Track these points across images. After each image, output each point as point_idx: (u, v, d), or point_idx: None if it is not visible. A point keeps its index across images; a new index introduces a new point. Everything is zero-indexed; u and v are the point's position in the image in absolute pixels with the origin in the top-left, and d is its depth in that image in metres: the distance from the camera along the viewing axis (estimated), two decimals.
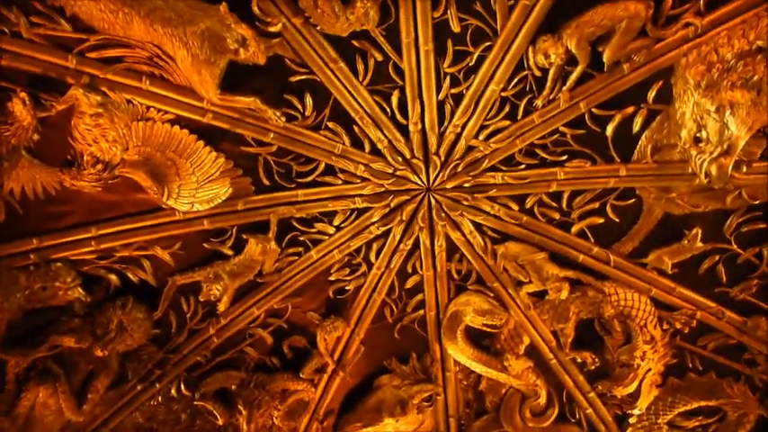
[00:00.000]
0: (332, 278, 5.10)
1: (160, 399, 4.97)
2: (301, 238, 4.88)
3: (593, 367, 5.15)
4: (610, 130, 4.29)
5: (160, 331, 4.87)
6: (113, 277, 4.66)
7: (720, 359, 4.93)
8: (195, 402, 5.04)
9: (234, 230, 4.73)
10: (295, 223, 4.81)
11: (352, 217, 4.85)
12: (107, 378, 4.73)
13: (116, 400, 4.83)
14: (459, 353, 5.30)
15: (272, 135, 4.38)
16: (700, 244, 4.62)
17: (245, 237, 4.74)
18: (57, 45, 3.78)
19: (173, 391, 5.00)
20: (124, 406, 4.87)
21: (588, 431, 5.31)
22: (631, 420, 5.17)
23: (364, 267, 5.09)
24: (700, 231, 4.58)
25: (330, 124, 4.43)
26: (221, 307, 4.90)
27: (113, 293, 4.68)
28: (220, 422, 5.10)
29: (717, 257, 4.65)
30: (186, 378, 5.03)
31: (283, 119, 4.30)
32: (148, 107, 4.12)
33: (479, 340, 5.33)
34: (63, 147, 4.09)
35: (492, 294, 5.16)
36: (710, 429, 5.04)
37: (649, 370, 5.00)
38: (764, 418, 4.86)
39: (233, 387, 5.12)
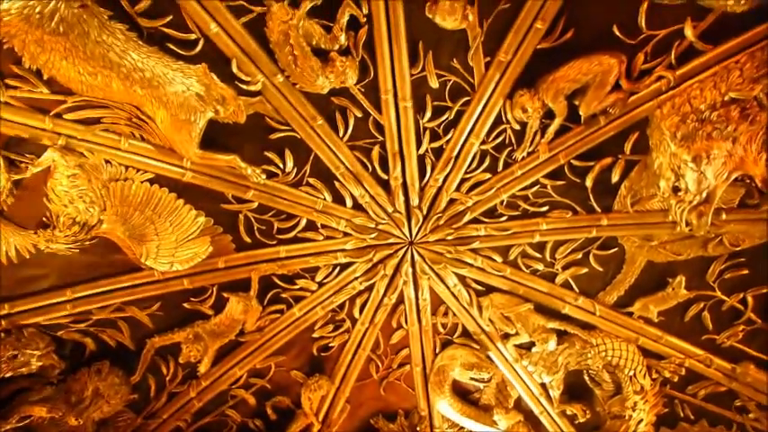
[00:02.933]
0: (315, 335, 5.01)
1: None
2: (283, 296, 4.81)
3: (584, 420, 5.05)
4: (589, 180, 4.32)
5: (138, 396, 4.71)
6: (89, 341, 4.53)
7: (711, 407, 4.86)
8: None
9: (214, 289, 4.65)
10: (277, 280, 4.75)
11: (335, 272, 4.80)
12: None
13: None
14: (448, 408, 5.19)
15: (252, 192, 4.35)
16: (684, 291, 4.61)
17: (225, 295, 4.66)
18: (33, 107, 3.74)
19: None
20: None
21: None
22: None
23: (348, 323, 5.02)
24: (683, 279, 4.58)
25: (311, 180, 4.41)
26: (202, 368, 4.77)
27: (89, 358, 4.54)
28: None
29: (702, 305, 4.64)
30: None
31: (264, 176, 4.27)
32: (127, 167, 4.07)
33: (467, 395, 5.24)
34: (38, 209, 4.00)
35: (478, 347, 5.10)
36: None
37: (641, 421, 4.91)
38: None
39: None
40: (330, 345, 5.05)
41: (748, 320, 4.59)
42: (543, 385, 5.08)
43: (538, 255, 4.71)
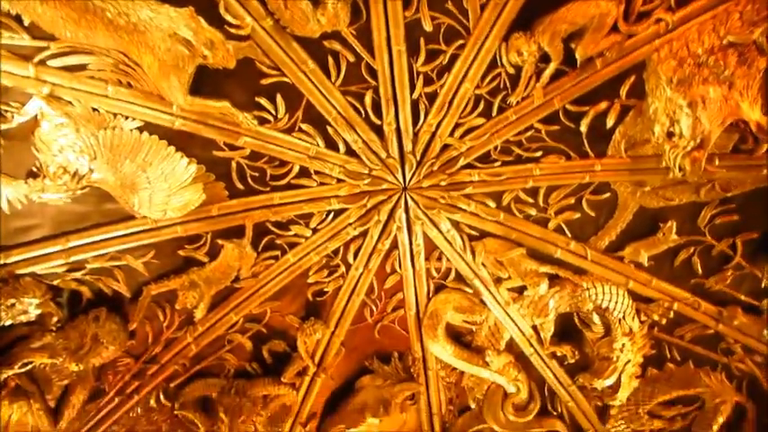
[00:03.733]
0: (310, 281, 5.05)
1: (139, 410, 4.90)
2: (278, 242, 4.83)
3: (573, 361, 5.18)
4: (584, 125, 4.29)
5: (136, 342, 4.79)
6: (85, 289, 4.57)
7: (697, 349, 4.98)
8: (175, 412, 4.98)
9: (209, 236, 4.66)
10: (271, 227, 4.75)
11: (329, 219, 4.80)
12: (83, 393, 4.64)
13: (93, 414, 4.75)
14: (441, 351, 5.30)
15: (244, 139, 4.30)
16: (675, 236, 4.65)
17: (220, 242, 4.67)
18: (15, 54, 3.63)
19: (152, 402, 4.93)
20: (102, 419, 4.78)
21: (570, 424, 5.35)
22: (612, 411, 5.22)
23: (343, 269, 5.06)
24: (674, 224, 4.62)
25: (304, 126, 4.36)
26: (198, 314, 4.83)
27: (86, 306, 4.59)
28: (202, 431, 5.04)
29: (692, 249, 4.69)
30: (165, 388, 4.96)
31: (255, 122, 4.22)
32: (115, 115, 4.00)
33: (460, 337, 5.34)
34: (28, 159, 3.96)
35: (471, 291, 5.17)
36: (689, 417, 5.11)
37: (628, 361, 5.04)
38: (741, 405, 4.94)
39: (213, 395, 5.07)
40: (325, 290, 5.10)
41: (737, 265, 4.65)
42: (534, 328, 5.17)
43: (531, 200, 4.71)
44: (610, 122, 4.27)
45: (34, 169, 3.99)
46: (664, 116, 3.97)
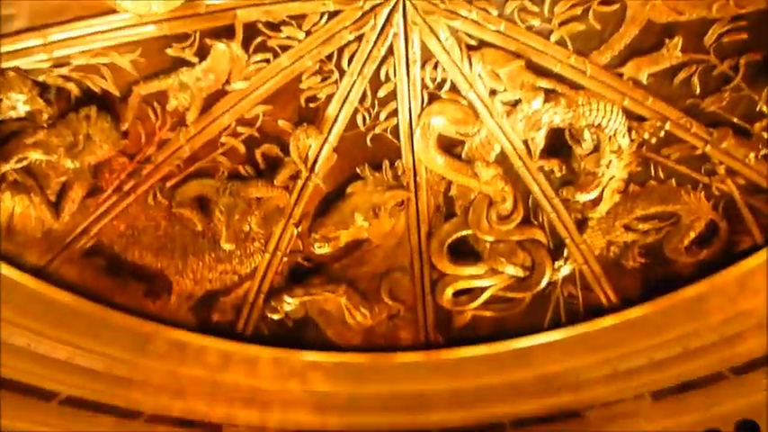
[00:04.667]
0: (303, 86, 4.96)
1: (138, 208, 5.06)
2: (269, 44, 4.65)
3: (559, 175, 5.32)
4: None
5: (129, 142, 4.80)
6: (73, 86, 4.46)
7: (682, 169, 5.09)
8: (173, 210, 5.17)
9: (197, 35, 4.46)
10: (262, 27, 4.55)
11: (323, 21, 4.59)
12: (81, 189, 4.75)
13: (93, 209, 4.90)
14: (432, 160, 5.38)
15: None
16: (678, 54, 4.54)
17: (209, 42, 4.49)
18: None
19: (149, 200, 5.08)
20: (102, 215, 4.94)
21: (550, 233, 5.62)
22: (590, 223, 5.46)
23: (336, 75, 4.94)
24: (680, 40, 4.47)
25: None
26: (190, 117, 4.81)
27: (76, 104, 4.52)
28: (199, 228, 5.28)
29: (693, 68, 4.60)
30: (161, 187, 5.09)
31: None
32: None
33: (451, 148, 5.40)
34: None
35: (465, 103, 5.13)
36: (663, 232, 5.37)
37: (613, 177, 5.18)
38: (715, 224, 5.18)
39: (209, 195, 5.23)
40: (318, 96, 5.03)
41: (736, 87, 4.59)
42: (525, 142, 5.22)
43: (536, 9, 4.50)
44: None
45: None
46: None
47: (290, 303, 5.68)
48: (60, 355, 4.89)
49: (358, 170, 5.47)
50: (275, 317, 5.71)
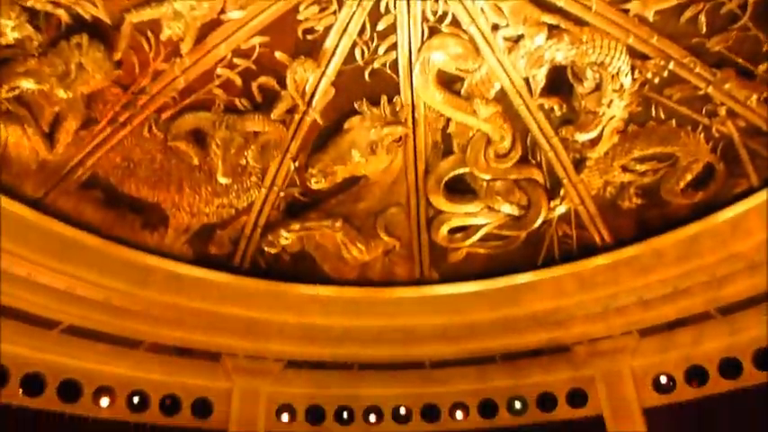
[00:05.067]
0: (300, 17, 4.83)
1: (133, 140, 5.00)
2: None
3: (559, 113, 5.27)
4: None
5: (123, 72, 4.71)
6: (62, 13, 4.33)
7: (683, 109, 5.04)
8: (169, 143, 5.11)
9: None
10: None
11: None
12: (75, 120, 4.68)
13: (88, 141, 4.84)
14: (430, 96, 5.31)
15: None
16: None
17: None
18: None
19: (145, 132, 5.02)
20: (97, 147, 4.89)
21: (547, 172, 5.61)
22: (588, 163, 5.45)
23: (335, 5, 4.81)
24: None
25: None
26: (185, 47, 4.70)
27: (67, 32, 4.40)
28: (195, 161, 5.24)
29: (701, 6, 4.49)
30: (156, 119, 5.02)
31: None
32: None
33: (450, 84, 5.32)
34: None
35: (466, 38, 5.01)
36: (660, 173, 5.37)
37: (613, 117, 5.13)
38: (712, 166, 5.16)
39: (205, 128, 5.16)
40: (315, 27, 4.91)
41: (743, 27, 4.49)
42: (526, 79, 5.15)
43: None
44: None
45: None
46: None
47: (286, 238, 5.71)
48: (60, 286, 4.94)
49: (356, 105, 5.40)
50: (272, 251, 5.76)
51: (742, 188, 5.07)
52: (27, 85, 4.38)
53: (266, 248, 5.74)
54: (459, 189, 5.79)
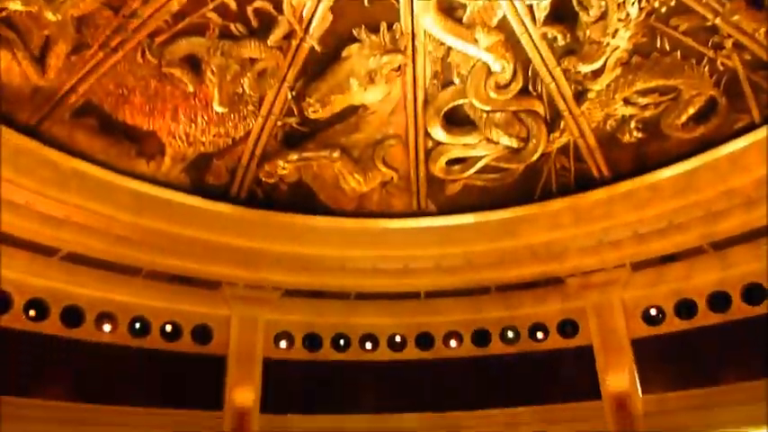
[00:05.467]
0: None
1: (126, 66, 4.88)
2: None
3: (562, 43, 5.15)
4: None
5: None
6: None
7: (688, 41, 4.92)
8: (163, 70, 5.00)
9: None
10: None
11: None
12: (66, 44, 4.56)
13: (80, 66, 4.73)
14: (431, 24, 5.16)
15: None
16: None
17: None
18: None
19: (138, 58, 4.90)
20: (89, 72, 4.78)
21: (548, 104, 5.53)
22: (589, 95, 5.37)
23: None
24: None
25: None
26: None
27: None
28: (190, 89, 5.14)
29: None
30: (149, 44, 4.88)
31: None
32: None
33: (452, 11, 5.16)
34: None
35: None
36: (662, 107, 5.29)
37: (617, 48, 5.02)
38: (715, 100, 5.09)
39: (200, 54, 5.04)
40: None
41: None
42: (530, 6, 5.01)
43: None
44: None
45: None
46: None
47: (284, 168, 5.69)
48: (59, 214, 4.95)
49: (354, 32, 5.26)
50: (270, 181, 5.75)
51: (743, 123, 5.02)
52: (15, 6, 4.25)
53: (264, 179, 5.74)
54: (459, 120, 5.73)
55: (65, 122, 4.82)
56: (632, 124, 5.39)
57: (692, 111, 5.16)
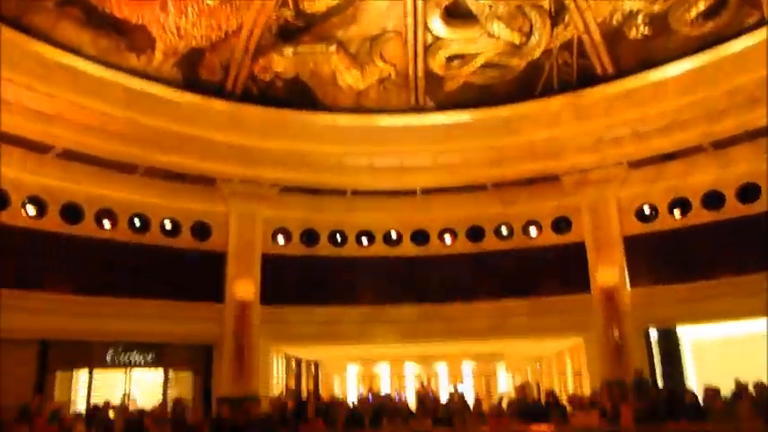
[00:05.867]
0: None
1: None
2: None
3: None
4: None
5: None
6: None
7: None
8: None
9: None
10: None
11: None
12: None
13: None
14: None
15: None
16: None
17: None
18: None
19: None
20: None
21: None
22: None
23: None
24: None
25: None
26: None
27: None
28: None
29: None
30: None
31: None
32: None
33: None
34: None
35: None
36: (671, 0, 5.05)
37: None
38: None
39: None
40: None
41: None
42: None
43: None
44: None
45: None
46: None
47: (279, 63, 5.52)
48: (51, 110, 4.83)
49: None
50: (265, 77, 5.59)
51: (754, 19, 4.83)
52: None
53: (259, 75, 5.57)
54: (460, 14, 5.52)
55: (49, 13, 4.58)
56: (640, 18, 5.19)
57: (702, 6, 4.96)
